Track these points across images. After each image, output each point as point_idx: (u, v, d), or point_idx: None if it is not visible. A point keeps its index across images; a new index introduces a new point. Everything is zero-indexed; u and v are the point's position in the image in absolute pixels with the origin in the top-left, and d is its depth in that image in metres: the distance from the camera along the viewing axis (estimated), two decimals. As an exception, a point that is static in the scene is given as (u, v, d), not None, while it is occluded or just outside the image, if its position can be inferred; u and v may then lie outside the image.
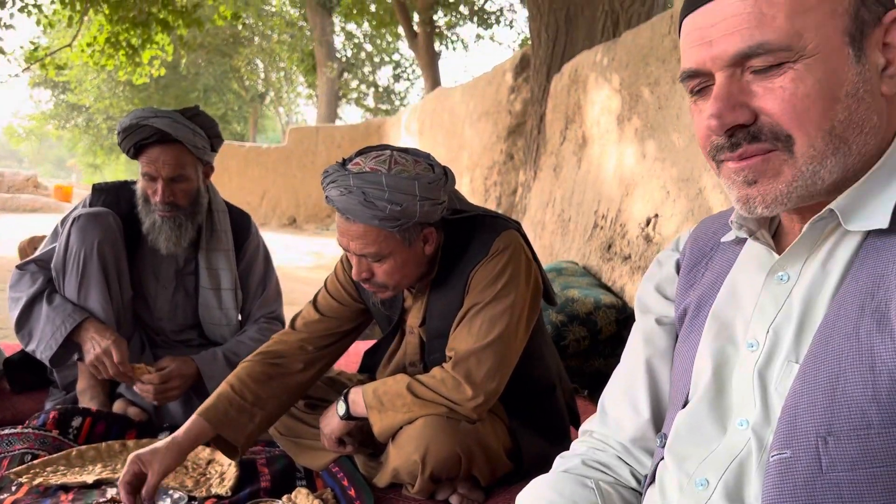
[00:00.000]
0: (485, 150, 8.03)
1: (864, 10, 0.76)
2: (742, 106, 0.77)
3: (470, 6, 16.37)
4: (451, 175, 1.71)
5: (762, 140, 0.77)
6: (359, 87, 21.31)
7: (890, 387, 0.69)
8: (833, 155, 0.76)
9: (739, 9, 0.75)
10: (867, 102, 0.76)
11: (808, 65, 0.74)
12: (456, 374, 1.66)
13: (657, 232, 3.35)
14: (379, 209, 1.57)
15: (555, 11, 5.79)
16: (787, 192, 0.78)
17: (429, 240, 1.71)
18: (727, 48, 0.76)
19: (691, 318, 0.95)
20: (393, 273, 1.69)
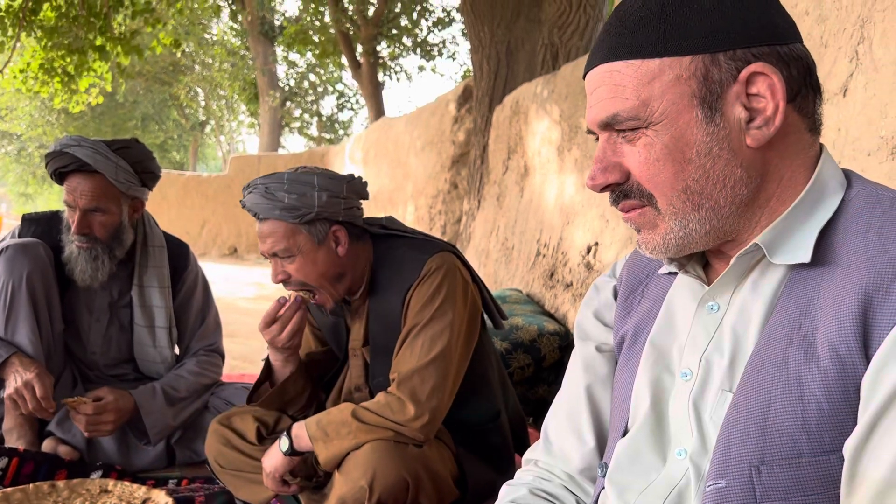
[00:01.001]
0: (429, 180, 8.07)
1: (715, 69, 0.78)
2: (615, 167, 0.83)
3: (413, 38, 16.54)
4: (359, 179, 1.80)
5: (632, 197, 0.83)
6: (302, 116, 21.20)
7: (818, 416, 0.71)
8: (695, 211, 0.80)
9: (603, 80, 0.82)
10: (725, 159, 0.79)
11: (656, 131, 0.79)
12: (400, 393, 1.67)
13: (597, 259, 3.41)
14: (278, 199, 1.68)
15: (496, 44, 5.90)
16: (662, 242, 0.83)
17: (340, 240, 1.76)
18: (596, 116, 0.83)
19: (629, 345, 0.97)
20: (306, 271, 1.74)
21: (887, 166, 1.64)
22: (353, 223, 1.80)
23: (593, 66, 0.84)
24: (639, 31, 0.80)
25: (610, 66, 0.81)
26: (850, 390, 0.70)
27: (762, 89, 0.78)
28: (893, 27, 1.62)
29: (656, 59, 0.79)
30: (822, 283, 0.76)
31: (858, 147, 1.74)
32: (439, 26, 16.48)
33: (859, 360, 0.70)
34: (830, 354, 0.71)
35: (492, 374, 1.94)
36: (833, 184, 0.82)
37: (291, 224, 1.71)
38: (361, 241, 1.83)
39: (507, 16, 5.83)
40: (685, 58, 0.78)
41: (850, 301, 0.71)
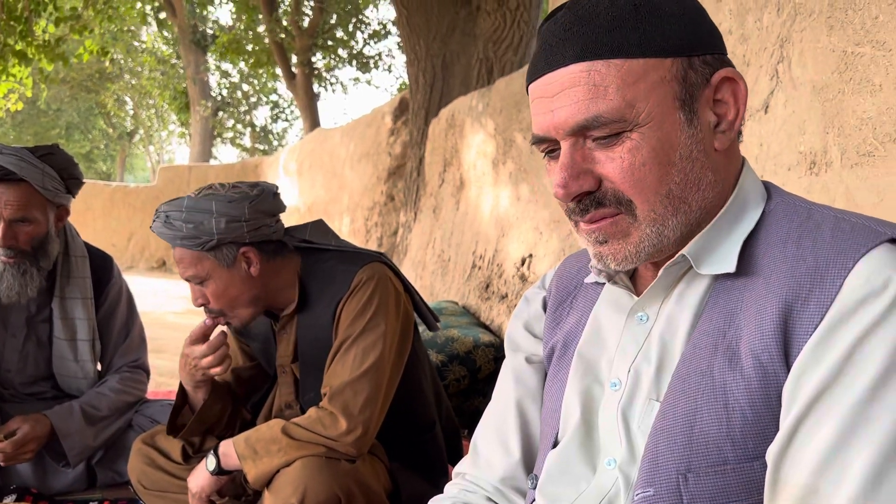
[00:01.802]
0: (365, 192, 8.02)
1: (692, 72, 0.78)
2: (586, 173, 0.79)
3: (348, 50, 16.47)
4: (266, 194, 1.73)
5: (607, 205, 0.80)
6: (235, 126, 20.83)
7: (742, 423, 0.73)
8: (674, 216, 0.80)
9: (576, 80, 0.77)
10: (701, 161, 0.80)
11: (642, 133, 0.77)
12: (332, 407, 1.63)
13: (532, 271, 3.45)
14: (177, 229, 1.65)
15: (432, 58, 5.93)
16: (635, 252, 0.81)
17: (251, 261, 1.72)
18: (567, 119, 0.78)
19: (559, 356, 0.97)
20: (220, 296, 1.71)
21: (806, 181, 1.70)
22: (269, 240, 1.75)
23: (556, 67, 0.79)
24: (616, 31, 0.77)
25: (586, 65, 0.77)
26: (772, 398, 0.72)
27: (727, 95, 0.81)
28: (811, 47, 1.69)
29: (640, 59, 0.77)
30: (744, 292, 0.77)
31: (779, 162, 1.81)
32: (375, 39, 16.47)
33: (780, 368, 0.71)
34: (753, 363, 0.73)
35: (426, 386, 1.93)
36: (754, 195, 0.84)
37: (196, 251, 1.68)
38: (281, 257, 1.78)
39: (443, 30, 5.87)
40: (667, 59, 0.78)
41: (771, 310, 0.73)
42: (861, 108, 1.53)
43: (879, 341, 0.67)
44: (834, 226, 0.75)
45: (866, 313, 0.68)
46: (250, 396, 2.01)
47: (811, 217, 0.78)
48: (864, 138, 1.52)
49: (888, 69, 1.46)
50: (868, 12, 1.52)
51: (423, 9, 5.86)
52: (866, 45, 1.52)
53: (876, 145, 1.50)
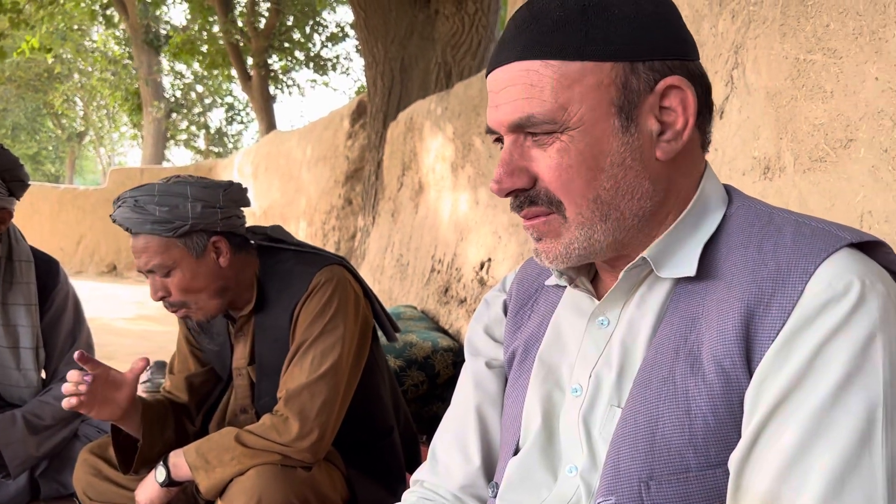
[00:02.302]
0: (323, 195, 7.95)
1: (635, 78, 0.76)
2: (521, 171, 0.79)
3: (305, 52, 16.33)
4: (237, 185, 1.72)
5: (539, 204, 0.80)
6: (189, 128, 20.48)
7: (704, 430, 0.72)
8: (602, 221, 0.79)
9: (516, 79, 0.77)
10: (636, 170, 0.78)
11: (571, 137, 0.76)
12: (287, 411, 1.60)
13: (490, 275, 3.44)
14: (149, 213, 1.59)
15: (390, 61, 5.91)
16: (565, 252, 0.80)
17: (221, 251, 1.67)
18: (506, 116, 0.79)
19: (519, 361, 0.95)
20: (186, 287, 1.65)
21: (760, 185, 1.73)
22: (235, 233, 1.72)
23: (503, 63, 0.79)
24: (559, 32, 0.76)
25: (526, 64, 0.77)
26: (734, 404, 0.71)
27: (674, 103, 0.78)
28: (764, 54, 1.72)
29: (578, 62, 0.76)
30: (706, 297, 0.77)
31: (734, 167, 1.83)
32: (333, 41, 16.37)
33: (743, 374, 0.71)
34: (715, 368, 0.72)
35: (384, 391, 1.91)
36: (715, 199, 0.83)
37: (166, 238, 1.61)
38: (245, 252, 1.75)
39: (401, 33, 5.86)
40: (606, 64, 0.76)
41: (732, 315, 0.72)
42: (813, 114, 1.56)
43: (840, 346, 0.67)
44: (795, 230, 0.75)
45: (828, 318, 0.68)
46: (204, 403, 1.95)
47: (772, 221, 0.78)
48: (817, 144, 1.55)
49: (839, 76, 1.49)
50: (819, 20, 1.55)
51: (381, 12, 5.84)
52: (818, 53, 1.55)
53: (828, 151, 1.52)
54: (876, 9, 1.40)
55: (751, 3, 1.79)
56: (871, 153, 1.41)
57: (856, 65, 1.45)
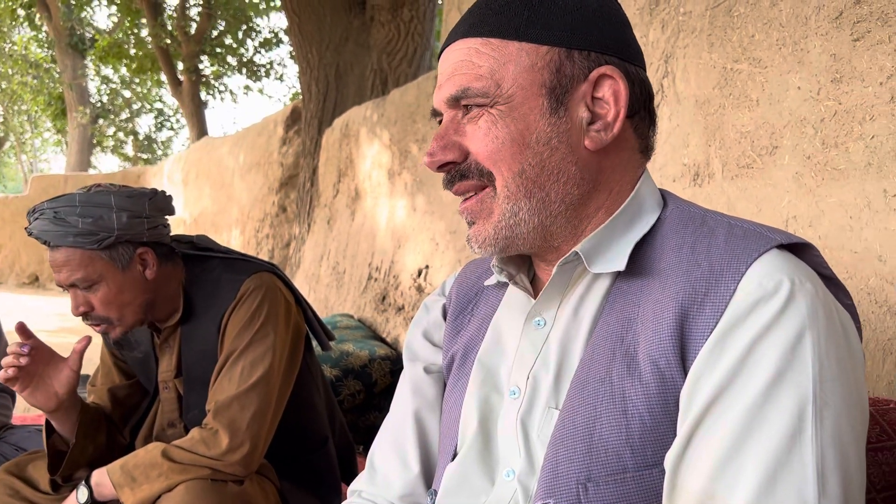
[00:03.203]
0: (256, 203, 7.80)
1: (570, 64, 0.79)
2: (454, 145, 0.82)
3: (238, 58, 16.05)
4: (162, 193, 1.65)
5: (470, 178, 0.82)
6: (116, 134, 19.85)
7: (641, 430, 0.72)
8: (527, 198, 0.81)
9: (458, 56, 0.82)
10: (562, 153, 0.80)
11: (500, 110, 0.80)
12: (216, 424, 1.54)
13: (428, 282, 3.43)
14: (71, 225, 1.51)
15: (325, 67, 5.85)
16: (493, 233, 0.82)
17: (148, 263, 1.61)
18: (446, 92, 0.82)
19: (459, 365, 0.94)
20: (111, 302, 1.57)
21: (690, 191, 1.77)
22: (161, 243, 1.66)
23: (450, 44, 0.84)
24: (503, 13, 0.80)
25: (468, 41, 0.82)
26: (670, 403, 0.72)
27: (607, 94, 0.81)
28: (693, 63, 1.76)
29: (515, 42, 0.80)
30: (642, 296, 0.77)
31: (665, 173, 1.87)
32: (266, 47, 16.14)
33: (678, 373, 0.71)
34: (651, 368, 0.72)
35: (318, 401, 1.87)
36: (651, 201, 0.84)
37: (89, 250, 1.53)
38: (171, 262, 1.69)
39: (336, 39, 5.81)
40: (543, 47, 0.80)
41: (667, 315, 0.73)
42: (740, 122, 1.61)
43: (771, 344, 0.68)
44: (727, 231, 0.76)
45: (759, 317, 0.69)
46: (129, 418, 1.87)
47: (705, 223, 0.79)
48: (744, 151, 1.60)
49: (764, 85, 1.54)
50: (745, 31, 1.59)
51: (316, 18, 5.78)
52: (744, 62, 1.60)
53: (754, 157, 1.57)
54: (798, 20, 1.46)
55: (680, 13, 1.83)
56: (795, 160, 1.46)
57: (780, 74, 1.50)
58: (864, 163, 1.30)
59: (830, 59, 1.37)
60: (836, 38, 1.36)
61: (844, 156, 1.35)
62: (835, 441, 0.65)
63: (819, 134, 1.40)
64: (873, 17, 1.29)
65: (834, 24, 1.37)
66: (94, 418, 1.72)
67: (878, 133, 1.28)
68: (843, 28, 1.35)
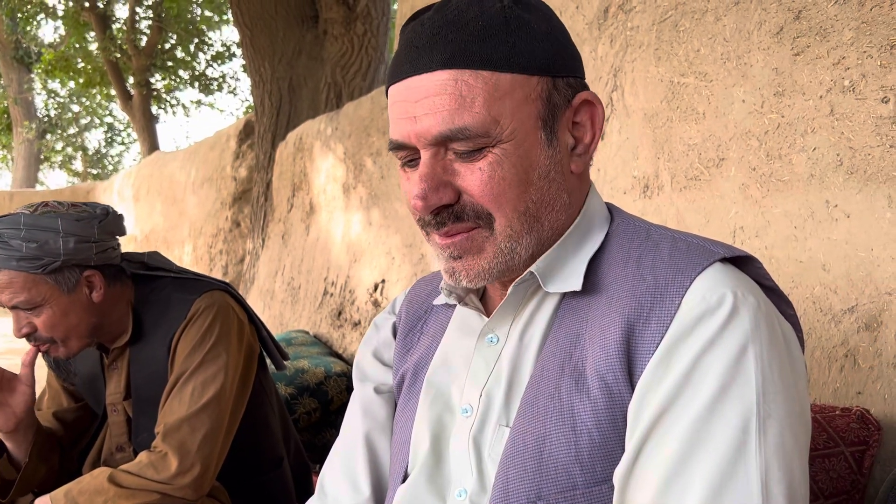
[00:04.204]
0: (208, 218, 7.68)
1: (556, 93, 0.78)
2: (446, 186, 0.77)
3: (190, 71, 15.84)
4: (113, 214, 1.62)
5: (465, 220, 0.77)
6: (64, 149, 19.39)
7: (590, 446, 0.72)
8: (528, 234, 0.79)
9: (441, 89, 0.74)
10: (557, 182, 0.80)
11: (504, 150, 0.75)
12: (165, 446, 1.51)
13: (384, 297, 3.41)
14: (15, 249, 1.48)
15: (278, 80, 5.80)
16: (488, 268, 0.79)
17: (95, 286, 1.58)
18: (430, 128, 0.75)
19: (409, 385, 0.93)
20: (55, 325, 1.54)
21: (640, 204, 1.79)
22: (109, 264, 1.62)
23: (422, 71, 0.75)
24: (486, 42, 0.74)
25: (453, 73, 0.74)
26: (618, 419, 0.72)
27: (584, 118, 0.81)
28: (641, 77, 1.79)
29: (508, 74, 0.75)
30: (589, 312, 0.77)
31: (615, 186, 1.89)
32: (218, 60, 15.97)
33: (625, 388, 0.71)
34: (599, 384, 0.72)
35: (273, 420, 1.83)
36: (600, 217, 0.85)
37: (33, 274, 1.49)
38: (120, 283, 1.65)
39: (289, 53, 5.77)
40: (533, 77, 0.76)
41: (614, 330, 0.73)
42: (687, 134, 1.63)
43: (715, 358, 0.68)
44: (671, 245, 0.77)
45: (703, 331, 0.69)
46: (78, 442, 1.81)
47: (650, 237, 0.80)
48: (692, 163, 1.62)
49: (710, 98, 1.57)
50: (691, 45, 1.62)
51: (268, 31, 5.74)
52: (690, 76, 1.63)
53: (701, 170, 1.59)
54: (741, 35, 1.49)
55: (628, 28, 1.86)
56: (741, 172, 1.48)
57: (725, 88, 1.53)
58: (807, 174, 1.33)
59: (773, 73, 1.40)
60: (777, 53, 1.40)
61: (788, 167, 1.37)
62: (778, 452, 0.66)
63: (763, 146, 1.43)
64: (812, 31, 1.33)
65: (775, 38, 1.40)
66: (49, 439, 1.67)
67: (819, 145, 1.31)
68: (783, 43, 1.38)
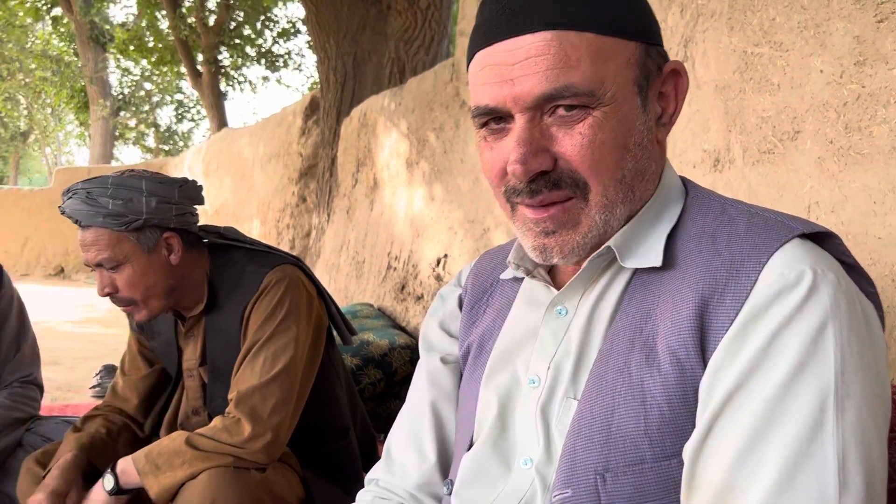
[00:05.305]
0: (276, 193, 7.84)
1: (650, 60, 0.77)
2: (544, 151, 0.75)
3: (257, 48, 16.08)
4: (192, 182, 1.70)
5: (562, 187, 0.75)
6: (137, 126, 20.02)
7: (660, 421, 0.71)
8: (622, 204, 0.78)
9: (544, 49, 0.72)
10: (649, 151, 0.79)
11: (605, 113, 0.74)
12: (238, 413, 1.57)
13: (447, 271, 3.43)
14: (102, 206, 1.55)
15: (342, 56, 5.85)
16: (582, 242, 0.78)
17: (173, 248, 1.65)
18: (531, 89, 0.73)
19: (475, 356, 0.94)
20: (135, 283, 1.61)
21: (710, 178, 1.75)
22: (188, 230, 1.69)
23: (520, 32, 0.73)
24: (589, 4, 0.74)
25: (557, 34, 0.72)
26: (689, 394, 0.71)
27: (669, 89, 0.80)
28: (713, 47, 1.74)
29: (610, 37, 0.74)
30: (661, 287, 0.77)
31: (684, 159, 1.85)
32: (284, 37, 16.15)
33: (697, 364, 0.71)
34: (670, 359, 0.72)
35: (340, 391, 1.88)
36: (675, 191, 0.84)
37: (117, 232, 1.57)
38: (197, 251, 1.72)
39: (353, 28, 5.80)
40: (631, 43, 0.76)
41: (687, 305, 0.72)
42: (761, 106, 1.58)
43: (793, 335, 0.67)
44: (748, 220, 0.75)
45: (780, 308, 0.68)
46: (151, 406, 1.90)
47: (725, 212, 0.78)
48: (765, 136, 1.57)
49: (785, 69, 1.51)
50: (766, 14, 1.57)
51: (333, 7, 5.78)
52: (765, 46, 1.57)
53: (775, 143, 1.55)
54: (820, 2, 1.43)
55: (699, -3, 1.81)
56: (818, 145, 1.43)
57: (801, 58, 1.47)
58: (889, 147, 1.28)
59: (854, 42, 1.35)
60: (859, 20, 1.34)
61: (868, 140, 1.32)
62: (856, 432, 0.64)
63: (842, 118, 1.37)
64: (898, -3, 1.27)
65: (857, 5, 1.34)
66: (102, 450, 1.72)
67: (903, 116, 1.25)
68: (866, 9, 1.32)
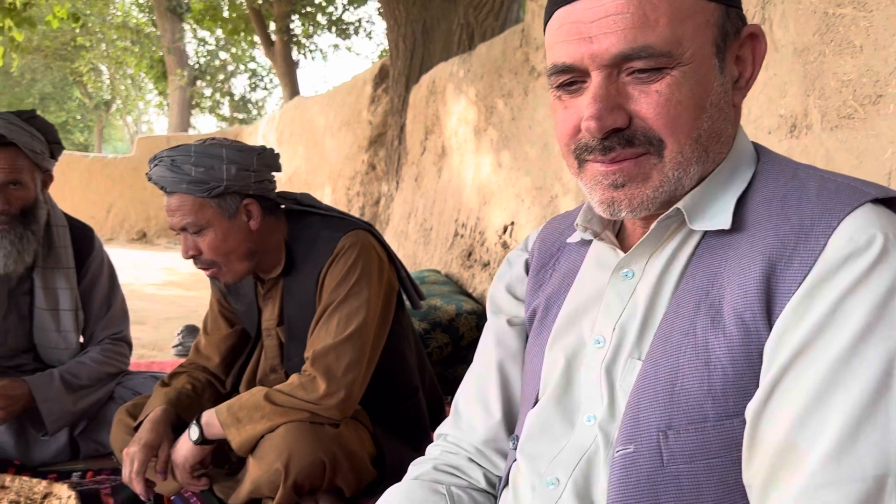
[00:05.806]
0: (346, 161, 7.96)
1: (729, 22, 0.78)
2: (619, 108, 0.76)
3: (328, 16, 16.20)
4: (270, 150, 1.76)
5: (636, 145, 0.77)
6: (213, 95, 20.52)
7: (723, 381, 0.73)
8: (696, 163, 0.78)
9: (623, 7, 0.73)
10: (725, 113, 0.79)
11: (683, 72, 0.75)
12: (314, 371, 1.65)
13: (514, 239, 3.45)
14: (185, 173, 1.64)
15: (412, 23, 5.85)
16: (653, 196, 0.79)
17: (253, 214, 1.72)
18: (609, 47, 0.74)
19: (541, 318, 0.96)
20: (217, 247, 1.70)
21: (786, 144, 1.71)
22: (266, 197, 1.76)
23: None
24: None
25: None
26: (753, 355, 0.72)
27: (746, 52, 0.81)
28: (792, 8, 1.68)
29: None
30: (729, 251, 0.77)
31: (759, 125, 1.81)
32: (354, 4, 16.21)
33: (763, 326, 0.71)
34: (736, 321, 0.73)
35: (409, 354, 1.94)
36: (747, 155, 0.84)
37: (200, 198, 1.66)
38: (274, 216, 1.80)
39: (423, -6, 5.78)
40: (711, 3, 0.76)
41: (754, 269, 0.73)
42: (842, 69, 1.53)
43: (861, 299, 0.67)
44: (819, 185, 0.75)
45: (849, 271, 0.68)
46: (232, 364, 2.01)
47: (797, 176, 0.78)
48: (845, 100, 1.53)
49: (868, 30, 1.46)
50: (849, -27, 1.51)
51: (403, -27, 5.77)
52: (847, 6, 1.52)
53: (856, 107, 1.50)
54: (908, -41, 1.37)
55: (779, -44, 1.75)
56: (900, 109, 1.38)
57: (886, 18, 1.42)
58: (977, 111, 1.23)
59: (943, 1, 1.29)
60: (950, -22, 1.28)
61: (955, 104, 1.27)
62: None
63: (928, 81, 1.32)
64: None
65: (948, -38, 1.28)
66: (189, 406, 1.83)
67: None
68: (958, -34, 1.26)
